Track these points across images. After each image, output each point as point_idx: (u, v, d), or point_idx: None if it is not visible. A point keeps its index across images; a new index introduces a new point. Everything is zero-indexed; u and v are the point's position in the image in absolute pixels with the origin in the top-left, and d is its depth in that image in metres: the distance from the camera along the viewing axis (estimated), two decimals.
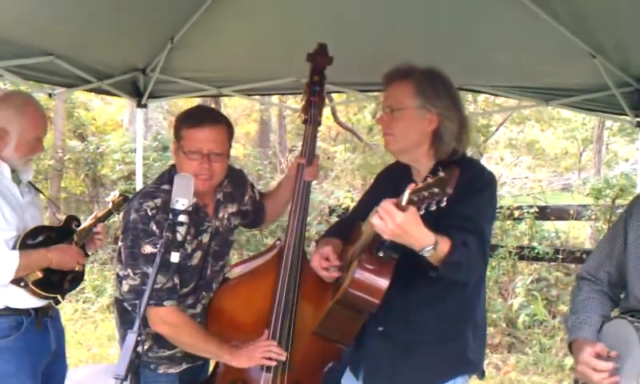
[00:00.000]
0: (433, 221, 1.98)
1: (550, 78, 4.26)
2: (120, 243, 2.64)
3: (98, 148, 8.72)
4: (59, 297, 2.84)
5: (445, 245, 2.01)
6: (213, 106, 13.17)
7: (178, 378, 2.74)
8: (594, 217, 7.50)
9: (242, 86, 4.70)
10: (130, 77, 4.56)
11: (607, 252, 2.38)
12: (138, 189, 5.00)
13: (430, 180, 1.79)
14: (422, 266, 2.10)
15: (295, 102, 9.20)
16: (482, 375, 2.52)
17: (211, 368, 2.98)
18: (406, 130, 2.32)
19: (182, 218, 1.98)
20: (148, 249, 2.49)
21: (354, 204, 8.17)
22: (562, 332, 6.53)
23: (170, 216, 1.98)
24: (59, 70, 3.86)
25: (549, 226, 7.94)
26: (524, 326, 6.56)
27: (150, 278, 1.92)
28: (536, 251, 7.12)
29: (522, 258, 7.22)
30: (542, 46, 3.80)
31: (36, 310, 2.78)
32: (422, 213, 1.85)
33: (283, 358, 2.69)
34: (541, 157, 19.02)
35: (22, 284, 2.67)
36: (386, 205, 1.88)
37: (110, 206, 3.11)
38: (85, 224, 2.99)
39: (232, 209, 2.82)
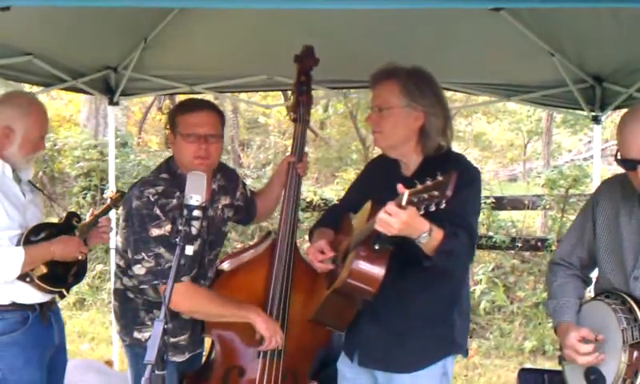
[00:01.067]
0: (424, 214, 2.12)
1: (511, 75, 4.48)
2: (123, 232, 2.72)
3: (55, 144, 8.60)
4: (64, 291, 2.89)
5: (438, 233, 2.17)
6: (167, 101, 13.12)
7: (176, 369, 2.83)
8: (548, 206, 7.84)
9: (214, 83, 4.77)
10: (102, 75, 4.59)
11: (577, 238, 2.54)
12: (111, 183, 5.01)
13: (429, 183, 1.92)
14: (413, 256, 2.25)
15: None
16: (465, 354, 2.70)
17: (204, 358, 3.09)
18: (394, 128, 2.47)
19: (196, 213, 2.08)
20: (155, 231, 2.60)
21: (317, 197, 8.37)
22: (521, 317, 6.85)
23: (185, 212, 2.07)
24: (37, 70, 3.89)
25: (504, 215, 8.27)
26: (484, 312, 6.84)
27: (173, 265, 2.01)
28: (493, 240, 7.41)
29: (480, 246, 7.48)
30: (503, 45, 4.00)
31: (41, 304, 2.83)
32: (421, 213, 1.99)
33: (280, 347, 2.81)
34: (487, 149, 19.52)
35: (27, 280, 2.72)
36: (390, 208, 2.02)
37: (108, 202, 3.18)
38: (85, 221, 3.04)
39: (225, 201, 2.94)
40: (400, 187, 2.01)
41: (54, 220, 3.14)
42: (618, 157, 2.24)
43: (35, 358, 2.83)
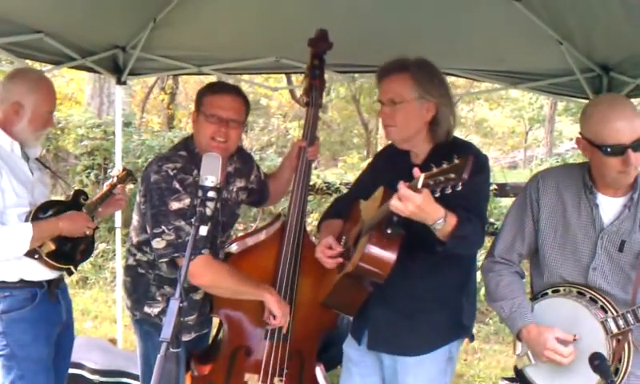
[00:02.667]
0: (437, 199, 2.14)
1: (518, 63, 4.47)
2: (141, 208, 2.75)
3: (58, 122, 8.60)
4: (72, 268, 2.93)
5: (452, 219, 2.19)
6: (170, 81, 13.12)
7: (184, 347, 2.86)
8: None
9: (221, 64, 4.78)
10: (111, 54, 4.59)
11: (515, 234, 2.52)
12: (117, 163, 5.03)
13: (445, 165, 1.94)
14: (423, 241, 2.28)
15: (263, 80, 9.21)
16: (472, 338, 2.75)
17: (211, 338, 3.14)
18: (407, 121, 2.49)
19: (211, 194, 2.10)
20: (175, 205, 2.63)
21: (319, 181, 8.38)
22: None
23: (200, 193, 2.10)
24: (48, 48, 3.91)
25: (507, 202, 8.28)
26: (485, 297, 6.86)
27: (189, 241, 2.04)
28: (495, 227, 7.42)
29: None
30: (512, 33, 4.00)
31: (49, 282, 2.86)
32: (436, 195, 2.01)
33: (285, 329, 2.86)
34: (489, 135, 19.56)
35: (36, 256, 2.75)
36: (404, 191, 2.04)
37: (115, 180, 3.19)
38: (93, 198, 3.07)
39: (240, 183, 2.97)
40: (416, 171, 2.03)
41: (58, 198, 3.16)
42: (607, 149, 2.20)
43: (43, 334, 2.86)
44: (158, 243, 2.66)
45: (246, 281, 2.80)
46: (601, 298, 2.30)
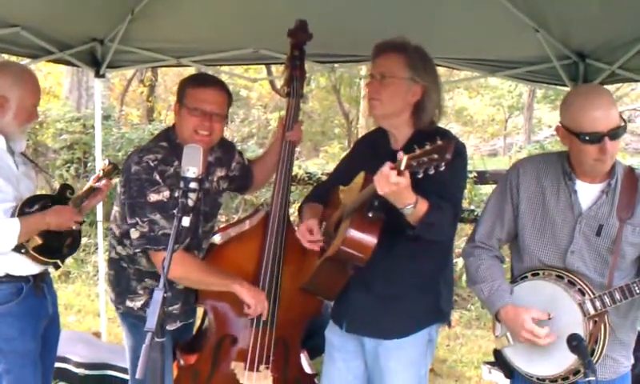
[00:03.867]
0: (414, 182, 2.17)
1: (496, 51, 4.52)
2: (121, 198, 2.76)
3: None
4: (59, 262, 2.93)
5: (423, 205, 2.24)
6: (149, 73, 13.03)
7: (169, 336, 2.88)
8: None
9: (200, 56, 4.77)
10: (89, 47, 4.57)
11: (495, 220, 2.59)
12: (97, 157, 5.02)
13: (428, 147, 1.99)
14: (402, 228, 2.33)
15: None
16: (449, 324, 2.81)
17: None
18: (392, 97, 2.52)
19: (193, 185, 2.11)
20: (154, 197, 2.65)
21: (301, 171, 8.41)
22: None
23: (182, 184, 2.11)
24: (25, 42, 3.89)
25: (487, 189, 8.38)
26: (466, 283, 6.93)
27: (171, 236, 2.06)
28: (475, 214, 7.51)
29: (462, 220, 7.57)
30: (489, 21, 4.04)
31: (34, 276, 2.86)
32: (419, 176, 2.04)
33: (264, 316, 2.88)
34: (469, 124, 19.67)
35: (22, 251, 2.74)
36: (387, 169, 2.08)
37: (101, 173, 3.18)
38: (79, 192, 3.06)
39: (221, 173, 2.99)
40: (400, 153, 2.06)
41: (42, 192, 3.15)
42: (585, 137, 2.26)
43: (30, 328, 2.87)
44: (133, 233, 2.69)
45: (215, 274, 2.83)
46: (579, 281, 2.36)
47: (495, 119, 19.67)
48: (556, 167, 2.47)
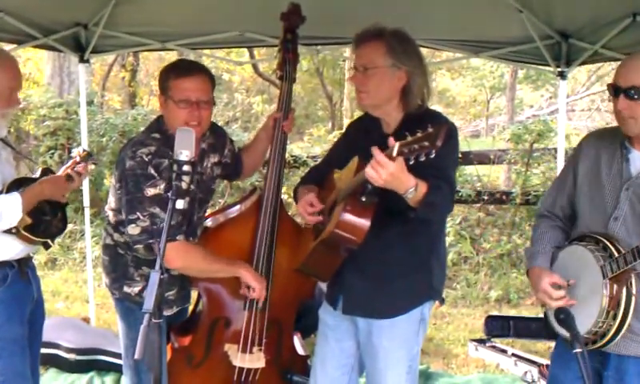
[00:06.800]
0: (409, 167, 2.19)
1: (479, 32, 4.56)
2: (117, 192, 2.76)
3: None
4: (49, 241, 2.92)
5: (423, 187, 2.26)
6: (130, 58, 12.90)
7: (165, 321, 2.90)
8: (513, 160, 8.05)
9: (185, 40, 4.76)
10: (73, 32, 4.54)
11: (559, 189, 2.67)
12: (83, 143, 4.99)
13: (419, 134, 2.00)
14: (395, 208, 2.35)
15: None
16: (442, 301, 2.84)
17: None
18: (378, 87, 2.55)
19: (186, 167, 2.13)
20: (151, 191, 2.64)
21: (286, 155, 8.41)
22: (486, 268, 7.10)
23: (175, 167, 2.12)
24: (8, 27, 3.86)
25: (471, 170, 8.46)
26: (452, 263, 7.05)
27: (165, 220, 2.08)
28: (460, 194, 7.59)
29: None
30: (472, 2, 4.07)
31: (18, 261, 2.84)
32: (411, 163, 2.07)
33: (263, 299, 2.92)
34: (451, 105, 19.72)
35: (13, 231, 2.73)
36: (380, 157, 2.09)
37: (78, 159, 3.15)
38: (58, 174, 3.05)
39: (214, 159, 2.99)
40: (391, 140, 2.08)
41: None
42: (611, 89, 2.35)
43: (17, 314, 2.85)
44: (132, 229, 2.67)
45: (219, 260, 2.85)
46: (610, 246, 2.34)
47: (477, 100, 19.73)
48: (616, 136, 2.46)
